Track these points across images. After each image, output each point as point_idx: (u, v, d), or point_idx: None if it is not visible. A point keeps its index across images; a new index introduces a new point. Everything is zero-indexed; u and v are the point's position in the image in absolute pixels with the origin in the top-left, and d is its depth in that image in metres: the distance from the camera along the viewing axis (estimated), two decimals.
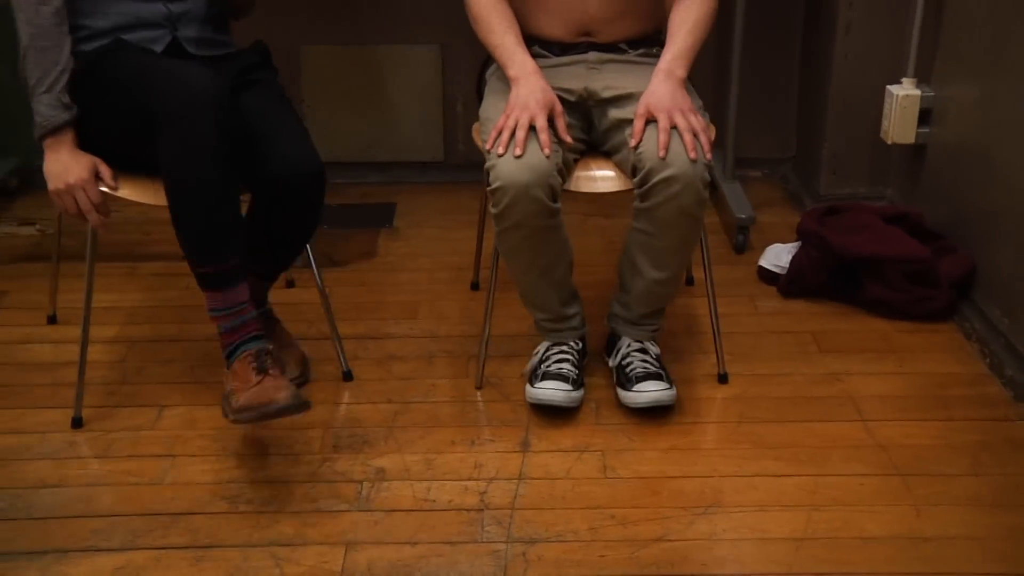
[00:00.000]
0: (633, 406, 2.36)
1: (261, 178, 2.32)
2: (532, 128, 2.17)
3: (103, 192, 2.28)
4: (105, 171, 2.27)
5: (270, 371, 2.18)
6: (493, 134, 2.21)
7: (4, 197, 3.55)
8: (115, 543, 2.07)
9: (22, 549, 2.06)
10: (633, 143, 2.17)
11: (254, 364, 2.20)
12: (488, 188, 2.21)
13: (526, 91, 2.23)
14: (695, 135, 2.14)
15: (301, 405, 2.17)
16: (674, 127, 2.13)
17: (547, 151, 2.16)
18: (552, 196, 2.18)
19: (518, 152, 2.14)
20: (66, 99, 2.26)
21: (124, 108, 2.25)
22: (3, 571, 2.00)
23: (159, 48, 2.37)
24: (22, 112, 2.44)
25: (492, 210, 2.21)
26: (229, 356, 2.27)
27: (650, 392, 2.34)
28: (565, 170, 2.25)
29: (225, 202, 2.25)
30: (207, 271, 2.26)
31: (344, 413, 2.46)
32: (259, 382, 2.19)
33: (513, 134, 2.17)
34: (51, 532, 2.10)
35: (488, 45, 2.37)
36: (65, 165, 2.26)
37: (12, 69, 2.48)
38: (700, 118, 2.18)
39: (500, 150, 2.17)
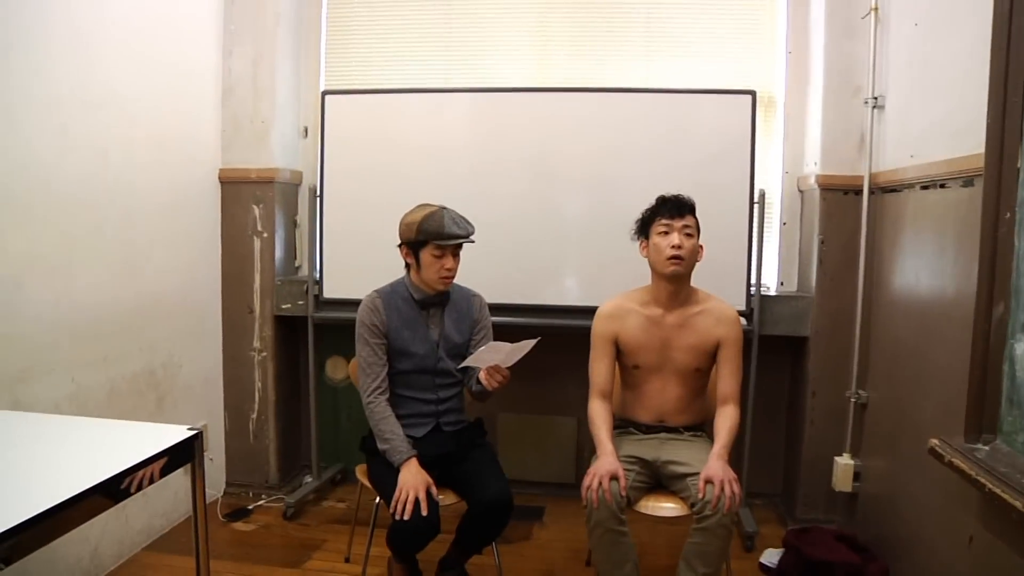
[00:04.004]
0: None
1: (475, 500, 2.38)
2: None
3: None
4: (433, 489, 2.29)
5: None
6: (584, 484, 2.26)
7: (331, 484, 3.64)
8: None
9: None
10: (700, 496, 2.21)
11: None
12: (584, 506, 2.26)
13: (601, 463, 2.29)
14: (733, 494, 2.18)
15: None
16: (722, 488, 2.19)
17: (608, 497, 2.21)
18: (619, 511, 2.22)
19: (592, 499, 2.22)
20: (409, 442, 2.38)
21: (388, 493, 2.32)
22: None
23: (428, 429, 2.49)
24: (342, 438, 2.60)
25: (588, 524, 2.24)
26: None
27: None
28: (624, 502, 2.25)
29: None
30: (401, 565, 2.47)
31: None
32: None
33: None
34: None
35: (592, 433, 2.46)
36: (415, 475, 2.30)
37: (348, 415, 2.60)
38: (737, 484, 2.21)
39: (584, 494, 2.24)
